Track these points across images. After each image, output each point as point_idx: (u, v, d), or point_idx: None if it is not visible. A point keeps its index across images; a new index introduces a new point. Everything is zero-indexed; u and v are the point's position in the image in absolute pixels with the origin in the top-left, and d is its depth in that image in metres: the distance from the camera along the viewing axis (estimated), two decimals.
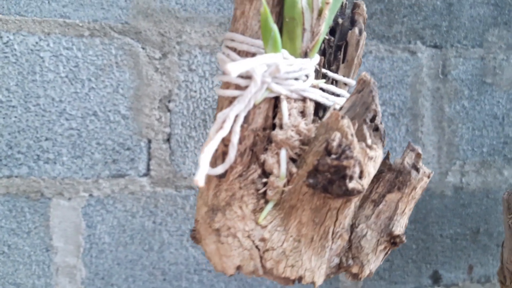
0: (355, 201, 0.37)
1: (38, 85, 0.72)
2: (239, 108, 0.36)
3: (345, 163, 0.31)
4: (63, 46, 0.72)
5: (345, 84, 0.44)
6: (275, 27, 0.34)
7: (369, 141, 0.33)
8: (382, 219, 0.40)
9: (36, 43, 0.71)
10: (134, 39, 0.74)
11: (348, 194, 0.32)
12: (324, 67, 0.43)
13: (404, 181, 0.40)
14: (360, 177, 0.32)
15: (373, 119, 0.35)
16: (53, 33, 0.72)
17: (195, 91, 0.77)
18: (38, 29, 0.71)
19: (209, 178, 0.38)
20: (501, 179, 0.94)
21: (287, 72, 0.37)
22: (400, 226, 0.40)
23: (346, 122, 0.32)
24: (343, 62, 0.44)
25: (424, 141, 0.89)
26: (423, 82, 0.88)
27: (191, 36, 0.76)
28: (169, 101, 0.77)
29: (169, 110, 0.77)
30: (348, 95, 0.43)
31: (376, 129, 0.35)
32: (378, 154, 0.34)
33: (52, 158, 0.73)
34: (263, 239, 0.36)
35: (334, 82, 0.44)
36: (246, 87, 0.36)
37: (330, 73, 0.43)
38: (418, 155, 0.40)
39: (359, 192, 0.32)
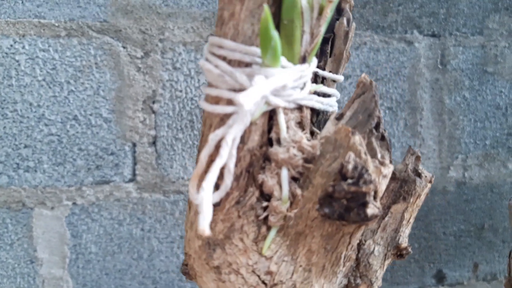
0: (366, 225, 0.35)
1: (14, 90, 0.71)
2: (237, 130, 0.32)
3: (364, 189, 0.29)
4: (39, 48, 0.71)
5: (333, 81, 0.43)
6: (276, 35, 0.31)
7: (379, 156, 0.32)
8: (388, 232, 0.39)
9: (11, 45, 0.71)
10: (114, 38, 0.74)
11: (368, 220, 0.31)
12: None
13: (409, 190, 0.39)
14: (375, 198, 0.31)
15: (377, 127, 0.34)
16: (28, 34, 0.71)
17: (181, 91, 0.77)
18: (12, 31, 0.71)
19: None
20: (505, 172, 0.94)
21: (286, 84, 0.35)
22: (405, 237, 0.40)
23: (358, 139, 0.31)
24: (330, 56, 0.42)
25: (424, 135, 0.89)
26: (421, 73, 0.88)
27: (174, 32, 0.76)
28: (153, 102, 0.76)
29: (153, 112, 0.76)
30: (338, 94, 0.41)
31: (382, 137, 0.34)
32: (390, 170, 0.33)
33: (32, 166, 0.73)
34: (269, 273, 0.34)
35: (323, 79, 0.43)
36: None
37: (320, 72, 0.41)
38: (417, 158, 0.40)
39: (377, 217, 0.31)
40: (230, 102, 0.34)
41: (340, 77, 0.42)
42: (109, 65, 0.74)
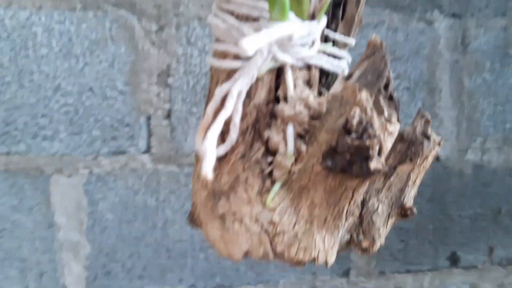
0: (369, 180, 0.36)
1: (31, 61, 0.74)
2: (243, 83, 0.33)
3: (367, 143, 0.30)
4: (55, 20, 0.74)
5: (345, 44, 0.42)
6: None
7: (386, 114, 0.32)
8: (393, 192, 0.40)
9: (28, 17, 0.73)
10: (129, 11, 0.75)
11: (370, 174, 0.31)
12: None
13: (416, 151, 0.39)
14: (379, 154, 0.31)
15: (386, 87, 0.34)
16: (44, 7, 0.73)
17: (195, 66, 0.78)
18: (29, 3, 0.73)
19: None
20: None
21: (295, 39, 0.35)
22: (410, 198, 0.40)
23: (364, 95, 0.31)
24: (342, 20, 0.41)
25: (442, 116, 0.89)
26: (441, 54, 0.87)
27: (189, 7, 0.77)
28: (168, 76, 0.78)
29: (168, 85, 0.78)
30: (349, 57, 0.41)
31: (390, 98, 0.34)
32: (397, 128, 0.33)
33: (49, 135, 0.76)
34: (272, 223, 0.35)
35: (334, 42, 0.42)
36: (248, 57, 0.34)
37: (331, 33, 0.40)
38: (427, 122, 0.40)
39: (380, 171, 0.31)
40: (237, 56, 0.34)
41: (351, 40, 0.42)
42: (124, 38, 0.76)
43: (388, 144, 0.32)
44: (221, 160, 0.35)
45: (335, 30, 0.41)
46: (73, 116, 0.76)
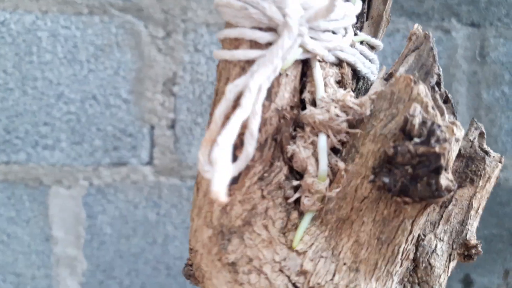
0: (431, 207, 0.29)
1: (35, 67, 0.75)
2: (263, 76, 0.26)
3: (438, 149, 0.23)
4: (61, 25, 0.75)
5: (372, 47, 0.37)
6: None
7: (447, 117, 0.27)
8: (453, 225, 0.32)
9: (33, 22, 0.75)
10: (136, 16, 0.77)
11: (439, 195, 0.24)
12: None
13: (477, 170, 0.32)
14: (445, 168, 0.24)
15: (438, 85, 0.29)
16: (50, 11, 0.75)
17: (202, 74, 0.79)
18: (35, 7, 0.75)
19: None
20: None
21: (327, 20, 0.28)
22: (474, 232, 0.33)
23: (423, 89, 0.25)
24: (366, 20, 0.36)
25: None
26: (458, 64, 0.87)
27: (197, 13, 0.78)
28: (173, 84, 0.79)
29: (173, 94, 0.79)
30: (378, 62, 0.36)
31: (445, 100, 0.29)
32: (462, 134, 0.27)
33: (50, 144, 0.77)
34: (303, 272, 0.27)
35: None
36: (269, 44, 0.27)
37: (358, 33, 0.35)
38: (481, 135, 0.34)
39: (451, 192, 0.24)
40: (254, 44, 0.28)
41: (379, 43, 0.37)
42: (130, 44, 0.77)
43: (454, 154, 0.26)
44: (232, 184, 0.28)
45: (360, 30, 0.36)
46: (75, 125, 0.77)
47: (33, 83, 0.76)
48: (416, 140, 0.24)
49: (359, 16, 0.35)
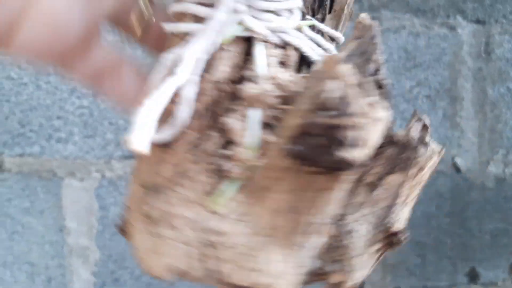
0: (346, 182, 0.29)
1: None
2: (201, 48, 0.28)
3: (350, 122, 0.24)
4: None
5: (332, 39, 0.37)
6: None
7: (372, 98, 0.26)
8: (378, 210, 0.32)
9: None
10: None
11: (343, 166, 0.25)
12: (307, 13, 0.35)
13: (408, 158, 0.32)
14: (361, 144, 0.25)
15: (375, 73, 0.29)
16: None
17: None
18: None
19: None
20: None
21: (267, 0, 0.29)
22: (400, 221, 0.33)
23: (347, 68, 0.25)
24: (329, 13, 0.36)
25: (464, 127, 0.89)
26: (463, 61, 0.88)
27: None
28: None
29: None
30: (335, 52, 0.35)
31: (380, 86, 0.29)
32: (385, 116, 0.27)
33: (64, 138, 0.79)
34: (220, 233, 0.28)
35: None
36: (209, 18, 0.28)
37: (316, 22, 0.35)
38: (424, 127, 0.33)
39: (352, 165, 0.25)
40: (196, 18, 0.29)
41: (339, 35, 0.37)
42: None
43: (375, 134, 0.26)
44: (166, 147, 0.29)
45: (322, 22, 0.36)
46: (88, 119, 0.79)
47: (46, 78, 0.78)
48: (332, 113, 0.24)
49: (320, 8, 0.36)
